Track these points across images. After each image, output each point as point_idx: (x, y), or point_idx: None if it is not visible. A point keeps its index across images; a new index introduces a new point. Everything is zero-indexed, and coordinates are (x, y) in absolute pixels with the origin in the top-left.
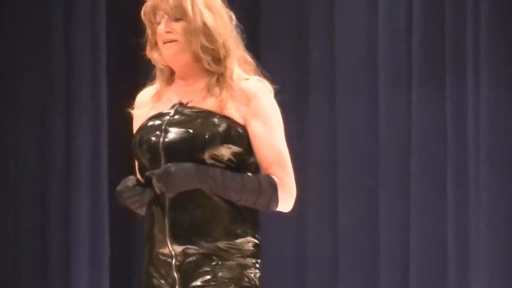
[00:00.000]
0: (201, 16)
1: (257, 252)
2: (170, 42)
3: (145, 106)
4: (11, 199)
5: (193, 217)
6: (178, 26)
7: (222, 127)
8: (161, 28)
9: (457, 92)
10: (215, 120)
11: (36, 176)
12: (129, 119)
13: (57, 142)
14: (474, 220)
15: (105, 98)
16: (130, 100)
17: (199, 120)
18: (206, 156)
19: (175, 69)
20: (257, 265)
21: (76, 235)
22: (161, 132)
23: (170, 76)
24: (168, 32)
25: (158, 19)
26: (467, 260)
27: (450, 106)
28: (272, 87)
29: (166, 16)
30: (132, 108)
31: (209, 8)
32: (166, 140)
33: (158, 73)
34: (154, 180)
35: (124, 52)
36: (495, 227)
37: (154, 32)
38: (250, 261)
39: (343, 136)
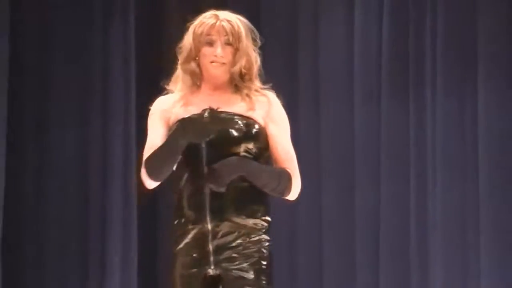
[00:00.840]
0: (247, 45)
1: (269, 229)
2: (220, 64)
3: (172, 109)
4: (56, 191)
5: (227, 199)
6: (228, 51)
7: (251, 127)
8: (218, 52)
9: (418, 104)
10: (245, 121)
11: (77, 171)
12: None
13: (95, 141)
14: (432, 208)
15: (134, 105)
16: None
17: (233, 121)
18: (241, 149)
19: (211, 82)
20: (270, 239)
21: (110, 222)
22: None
23: (198, 86)
24: (222, 53)
25: (207, 39)
26: (426, 239)
27: (413, 115)
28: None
29: (219, 41)
30: (151, 111)
31: (248, 38)
32: (214, 139)
33: (186, 79)
34: (213, 180)
35: (150, 66)
36: (447, 213)
37: (198, 49)
38: (266, 236)
39: (326, 139)
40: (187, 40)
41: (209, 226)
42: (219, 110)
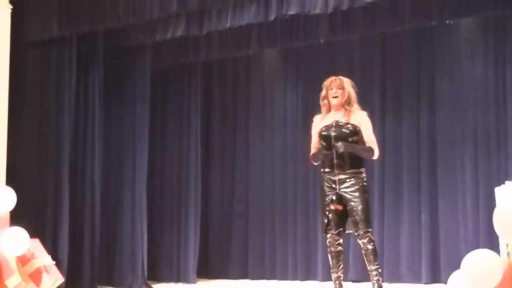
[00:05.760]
0: (348, 90)
1: (365, 176)
2: (335, 97)
3: (320, 122)
4: (169, 174)
5: (344, 160)
6: (340, 92)
7: (355, 129)
8: (333, 92)
9: None
10: (352, 126)
11: (178, 160)
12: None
13: (181, 149)
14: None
15: (199, 135)
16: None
17: (348, 126)
18: (352, 140)
19: (335, 108)
20: (365, 177)
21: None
22: (331, 131)
23: (329, 110)
24: (336, 93)
25: (330, 87)
26: None
27: None
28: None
29: (335, 87)
30: (312, 122)
31: (350, 87)
32: (336, 134)
33: (324, 109)
34: (337, 148)
35: (206, 119)
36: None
37: (327, 92)
38: (364, 176)
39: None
40: (323, 90)
41: (336, 175)
42: (339, 121)
